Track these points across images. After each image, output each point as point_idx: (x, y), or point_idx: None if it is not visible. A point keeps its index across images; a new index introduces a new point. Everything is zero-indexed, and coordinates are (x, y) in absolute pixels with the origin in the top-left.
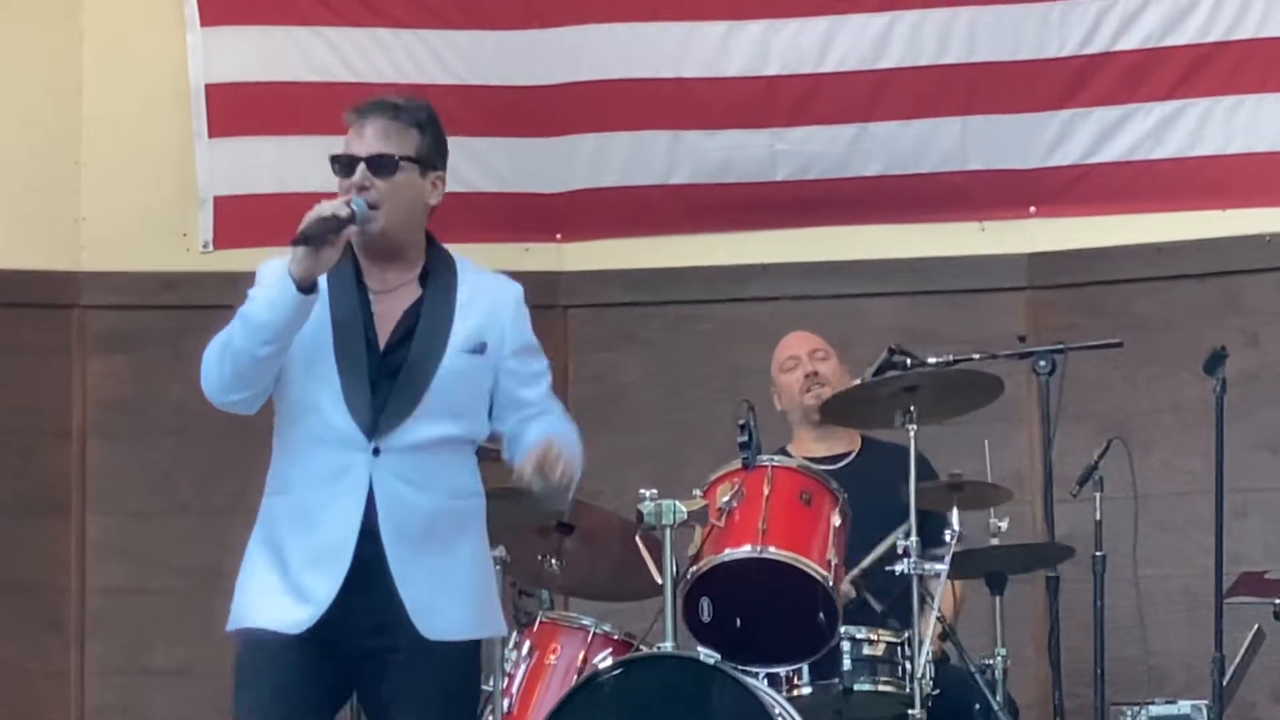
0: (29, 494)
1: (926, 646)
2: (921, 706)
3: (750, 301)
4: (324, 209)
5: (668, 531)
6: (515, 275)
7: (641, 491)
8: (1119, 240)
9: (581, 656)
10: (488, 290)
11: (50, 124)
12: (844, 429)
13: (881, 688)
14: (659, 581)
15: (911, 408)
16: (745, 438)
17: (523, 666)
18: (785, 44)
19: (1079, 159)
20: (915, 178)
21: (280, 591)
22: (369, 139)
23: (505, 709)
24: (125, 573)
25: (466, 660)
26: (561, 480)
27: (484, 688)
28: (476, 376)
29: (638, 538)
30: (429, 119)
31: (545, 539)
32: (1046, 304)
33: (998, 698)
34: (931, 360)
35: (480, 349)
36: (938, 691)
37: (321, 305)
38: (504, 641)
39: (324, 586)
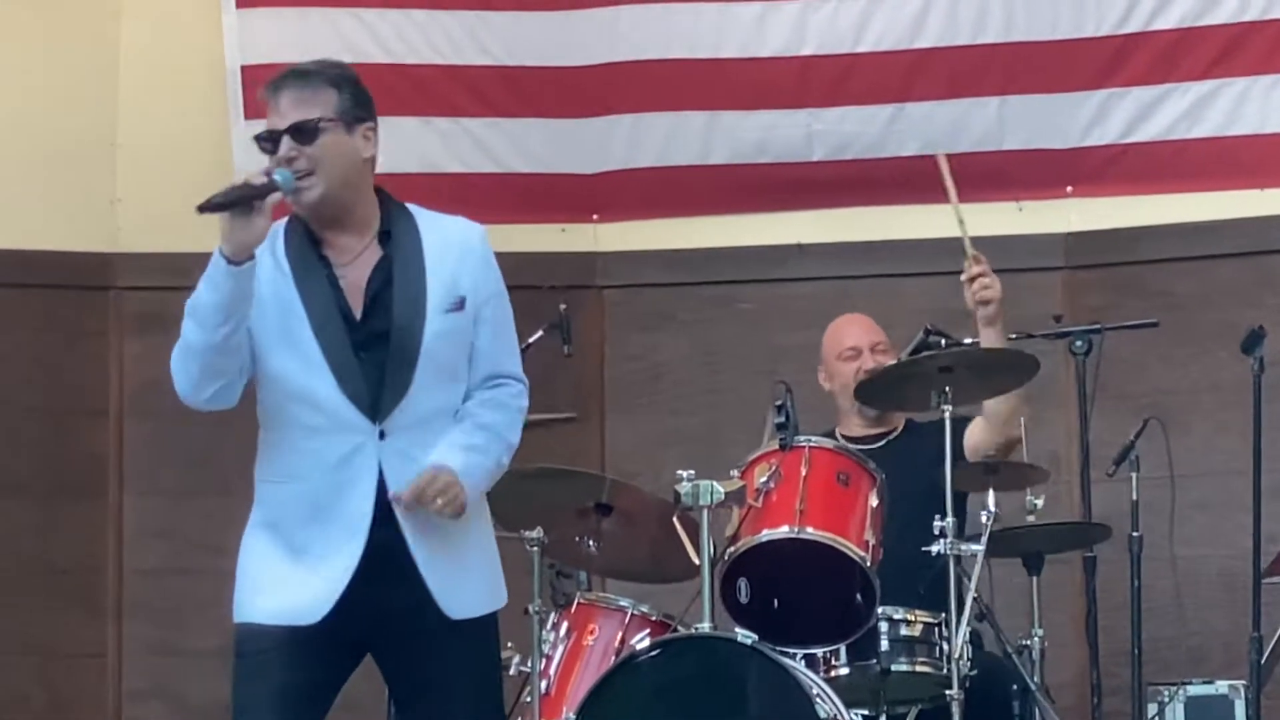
0: (66, 475)
1: (964, 627)
2: (959, 687)
3: (787, 282)
4: (237, 178)
5: (705, 512)
6: (552, 256)
7: (679, 472)
8: (1156, 220)
9: (619, 637)
10: (453, 238)
11: (87, 106)
12: (891, 413)
13: (919, 668)
14: (696, 562)
15: (947, 388)
16: (782, 418)
17: (560, 647)
18: (822, 24)
19: (1116, 138)
20: (952, 158)
21: (292, 582)
22: (285, 110)
23: (543, 690)
24: (162, 554)
25: (490, 633)
26: (443, 513)
27: (523, 668)
28: (461, 335)
29: (675, 519)
30: (343, 76)
31: (583, 520)
32: (1083, 284)
33: (1035, 679)
34: (967, 340)
35: (460, 305)
36: (975, 672)
37: (289, 288)
38: (542, 622)
39: (339, 574)
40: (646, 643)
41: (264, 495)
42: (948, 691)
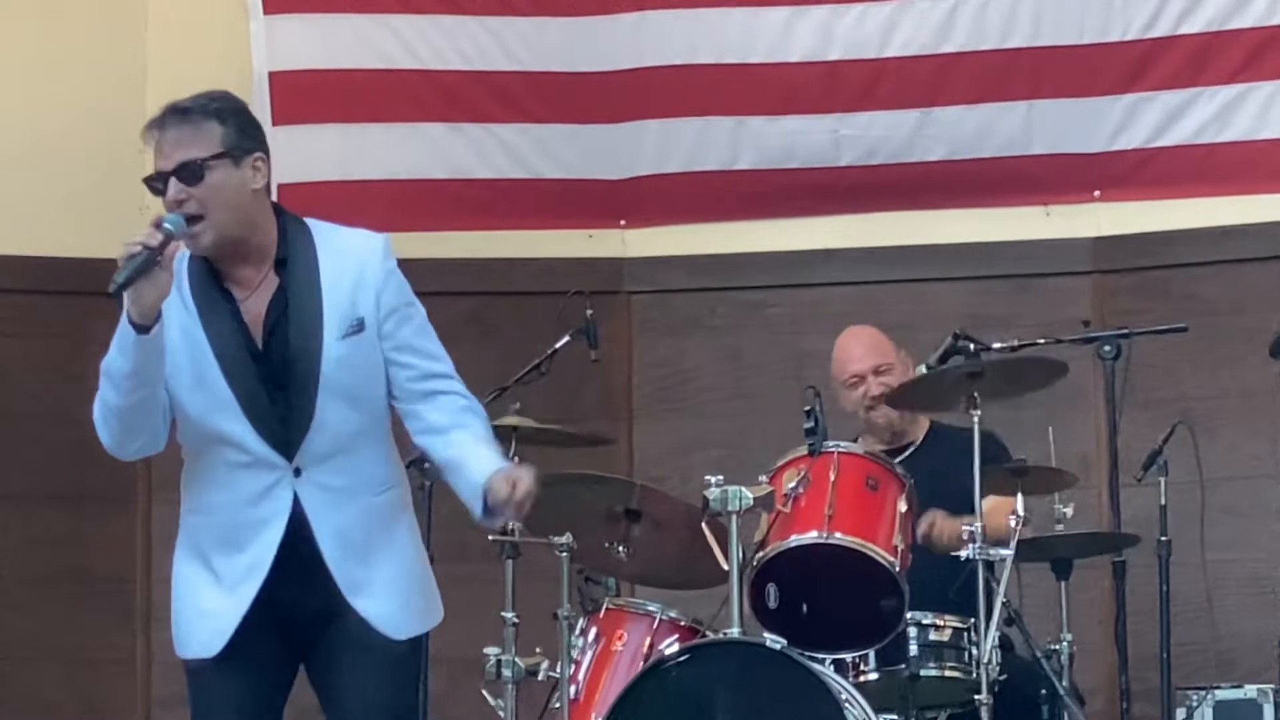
0: (94, 484)
1: (993, 632)
2: (988, 692)
3: (815, 287)
4: (131, 245)
5: (734, 518)
6: (580, 261)
7: (707, 478)
8: (1184, 224)
9: (648, 643)
10: (350, 256)
11: (114, 112)
12: (912, 424)
13: (948, 673)
14: (725, 568)
15: (975, 394)
16: (811, 424)
17: (589, 653)
18: (849, 29)
19: (1144, 143)
20: (979, 162)
21: (206, 614)
22: (168, 151)
23: (572, 695)
24: None
25: (414, 651)
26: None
27: (552, 674)
28: (364, 358)
29: (704, 524)
30: (225, 107)
31: (612, 526)
32: (1112, 288)
33: (1064, 683)
34: (996, 345)
35: (358, 327)
36: (1004, 677)
37: (196, 328)
38: (571, 627)
39: (236, 607)
40: (675, 648)
41: (186, 525)
42: (976, 696)
